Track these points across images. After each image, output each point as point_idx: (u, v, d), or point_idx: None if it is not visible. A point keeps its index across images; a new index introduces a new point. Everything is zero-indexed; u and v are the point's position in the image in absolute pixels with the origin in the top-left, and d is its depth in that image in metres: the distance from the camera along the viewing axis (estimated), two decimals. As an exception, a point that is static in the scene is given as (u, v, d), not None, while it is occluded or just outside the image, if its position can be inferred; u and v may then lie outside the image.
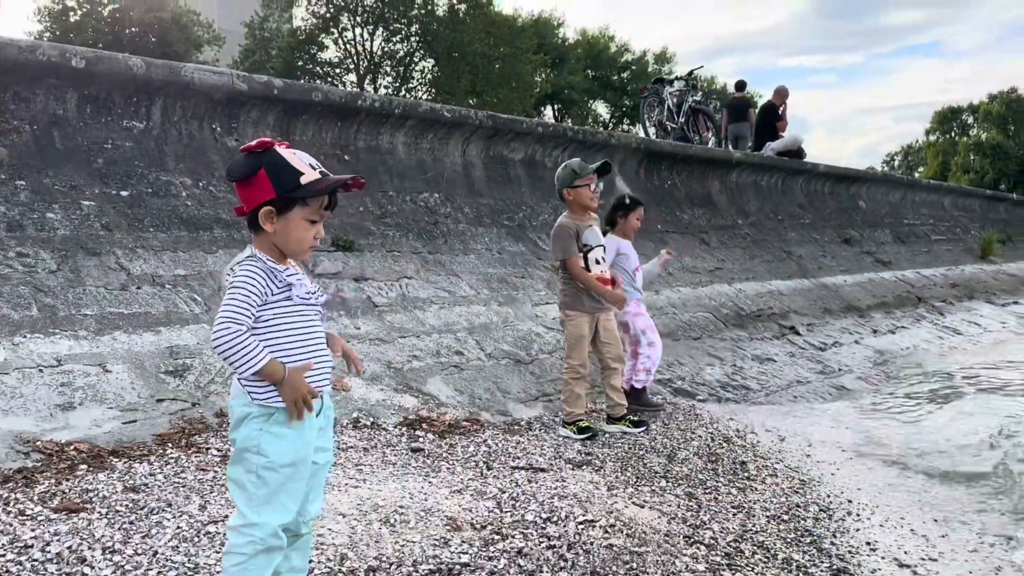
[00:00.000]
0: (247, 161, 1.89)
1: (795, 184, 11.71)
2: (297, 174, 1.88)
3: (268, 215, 1.88)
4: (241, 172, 1.89)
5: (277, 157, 1.89)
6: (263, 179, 1.86)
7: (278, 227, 1.89)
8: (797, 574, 2.76)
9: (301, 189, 1.87)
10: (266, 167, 1.87)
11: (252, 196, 1.89)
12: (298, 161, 1.90)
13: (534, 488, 3.27)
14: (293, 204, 1.89)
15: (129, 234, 4.61)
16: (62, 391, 3.55)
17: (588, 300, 4.39)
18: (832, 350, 7.73)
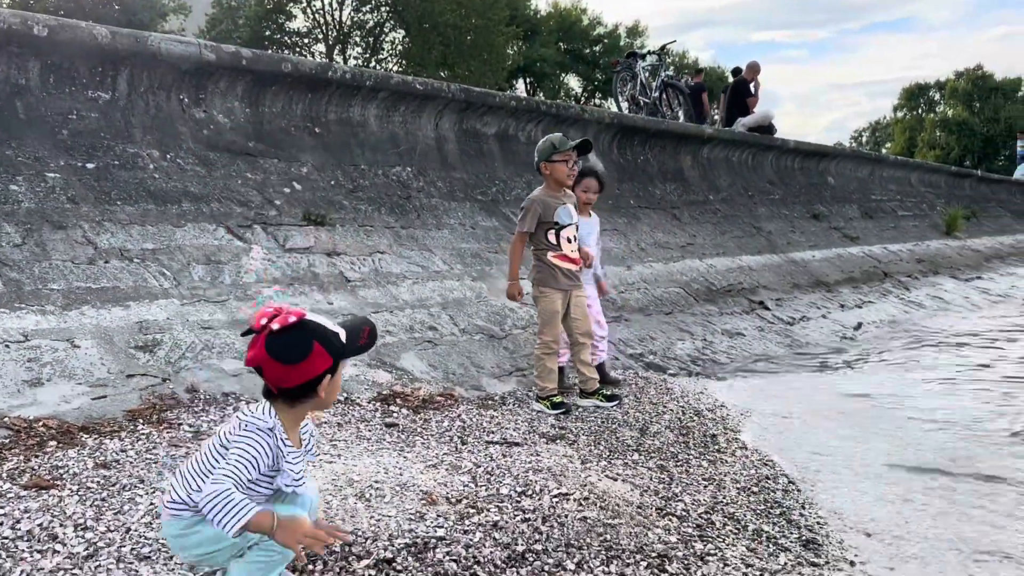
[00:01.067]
0: (299, 342, 1.86)
1: (765, 160, 11.79)
2: (336, 336, 1.91)
3: (328, 383, 1.92)
4: (299, 354, 1.85)
5: (319, 326, 1.90)
6: (320, 352, 1.87)
7: (329, 387, 1.93)
8: (767, 544, 2.81)
9: (349, 350, 1.93)
10: (319, 340, 1.88)
11: (307, 371, 1.87)
12: (329, 323, 1.93)
13: (508, 462, 3.29)
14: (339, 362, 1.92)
15: (96, 207, 4.53)
16: (29, 367, 3.50)
17: (561, 276, 4.39)
18: (800, 324, 7.84)
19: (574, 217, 4.48)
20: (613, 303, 6.58)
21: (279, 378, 1.87)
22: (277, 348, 1.84)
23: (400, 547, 2.38)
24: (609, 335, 5.20)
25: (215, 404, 3.70)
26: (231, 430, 1.88)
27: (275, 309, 1.87)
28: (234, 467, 1.81)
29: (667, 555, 2.62)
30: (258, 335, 1.86)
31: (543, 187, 4.47)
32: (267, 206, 5.33)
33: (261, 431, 1.86)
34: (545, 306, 4.39)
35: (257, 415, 1.88)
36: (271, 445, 1.87)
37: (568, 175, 4.43)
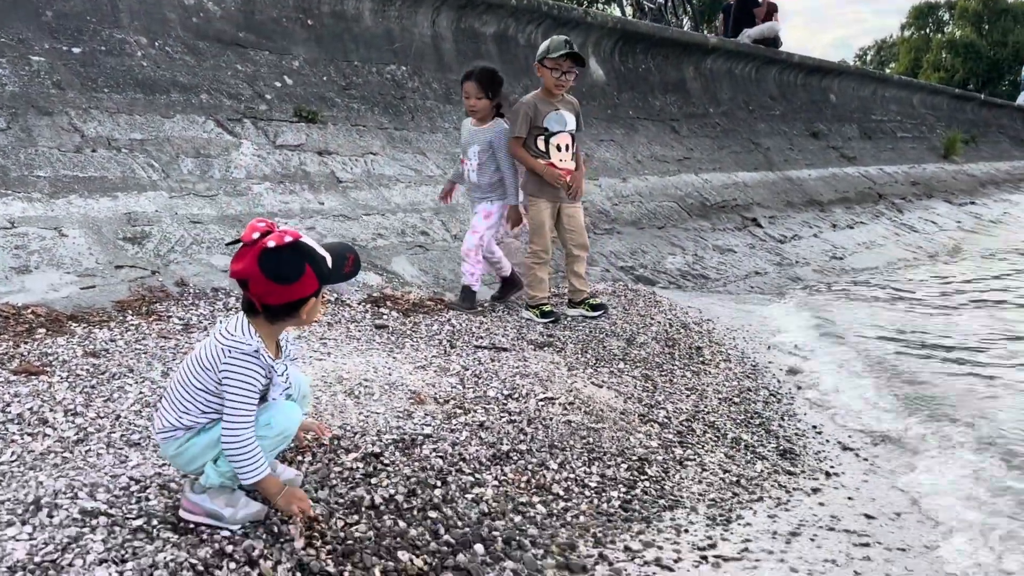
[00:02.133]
0: (291, 259, 1.82)
1: (768, 74, 11.57)
2: (324, 259, 1.86)
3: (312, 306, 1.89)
4: (291, 273, 1.82)
5: (312, 250, 1.85)
6: (310, 275, 1.84)
7: (309, 310, 1.89)
8: (745, 453, 2.88)
9: (334, 276, 1.89)
10: (311, 263, 1.84)
11: (294, 291, 1.84)
12: (319, 247, 1.87)
13: (496, 366, 3.33)
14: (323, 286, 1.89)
15: (82, 94, 4.41)
16: (17, 254, 3.47)
17: (549, 187, 4.29)
18: (791, 243, 7.85)
19: (568, 125, 4.28)
20: (607, 215, 6.55)
21: (265, 294, 1.84)
22: (270, 265, 1.81)
23: (388, 442, 2.43)
24: (600, 248, 5.19)
25: (205, 298, 3.70)
26: (215, 355, 1.86)
27: (268, 224, 1.83)
28: (238, 405, 1.83)
29: (647, 459, 2.68)
30: (248, 248, 1.82)
31: (538, 90, 4.33)
32: (257, 100, 5.21)
33: (248, 355, 1.85)
34: (533, 215, 4.34)
35: (238, 337, 1.86)
36: (261, 366, 1.87)
37: (556, 84, 4.22)
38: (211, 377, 1.86)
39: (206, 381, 1.86)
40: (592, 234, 6.15)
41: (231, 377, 1.84)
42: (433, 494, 2.21)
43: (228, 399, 1.84)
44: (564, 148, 4.29)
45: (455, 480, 2.31)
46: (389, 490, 2.17)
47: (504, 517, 2.21)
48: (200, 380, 1.87)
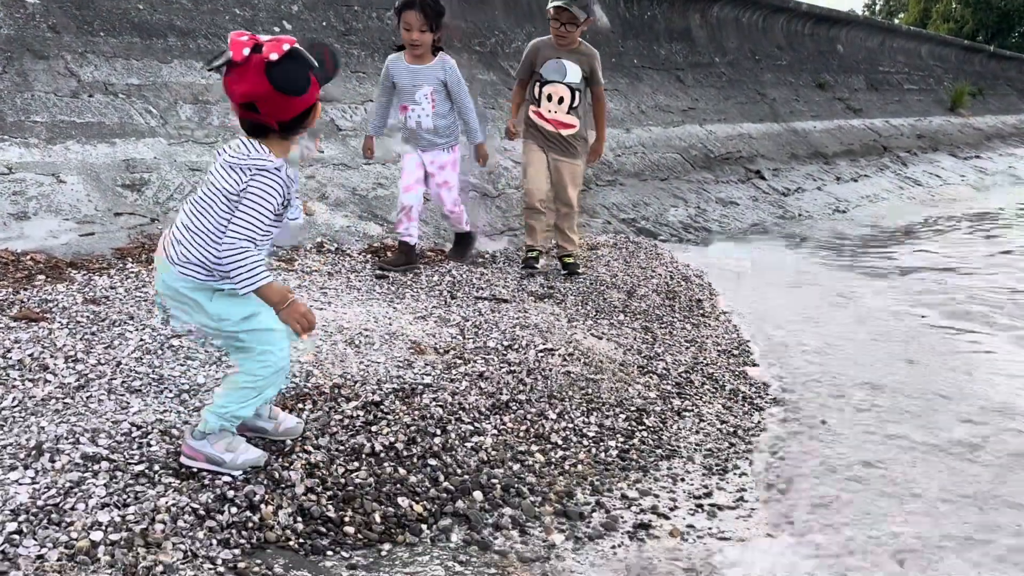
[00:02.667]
0: (297, 71, 1.75)
1: (776, 23, 11.37)
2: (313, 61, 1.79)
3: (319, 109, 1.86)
4: (305, 81, 1.77)
5: (307, 58, 1.77)
6: (313, 83, 1.79)
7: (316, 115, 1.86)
8: (742, 404, 2.90)
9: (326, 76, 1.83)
10: (313, 71, 1.78)
11: (305, 101, 1.80)
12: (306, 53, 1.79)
13: (496, 317, 3.33)
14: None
15: (78, 38, 4.34)
16: (15, 200, 3.45)
17: (536, 131, 4.12)
18: (795, 196, 7.81)
19: (567, 76, 4.03)
20: (609, 166, 6.50)
21: (280, 111, 1.78)
22: (282, 79, 1.74)
23: (388, 391, 2.44)
24: (601, 200, 5.14)
25: (204, 247, 3.68)
26: (235, 179, 1.80)
27: (251, 37, 1.75)
28: (252, 219, 1.78)
29: (645, 409, 2.70)
30: (244, 67, 1.73)
31: (549, 35, 4.11)
32: (256, 46, 5.12)
33: (271, 172, 1.80)
34: (522, 157, 4.24)
35: (257, 156, 1.80)
36: (282, 183, 1.82)
37: (556, 35, 4.00)
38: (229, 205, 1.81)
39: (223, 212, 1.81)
40: (594, 185, 6.11)
41: (253, 192, 1.79)
42: (433, 442, 2.23)
43: (243, 210, 1.78)
44: (557, 99, 4.05)
45: (454, 429, 2.33)
46: (389, 438, 2.19)
47: (503, 465, 2.23)
48: (225, 209, 1.81)
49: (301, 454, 2.05)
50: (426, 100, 3.82)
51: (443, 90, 3.84)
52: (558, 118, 4.07)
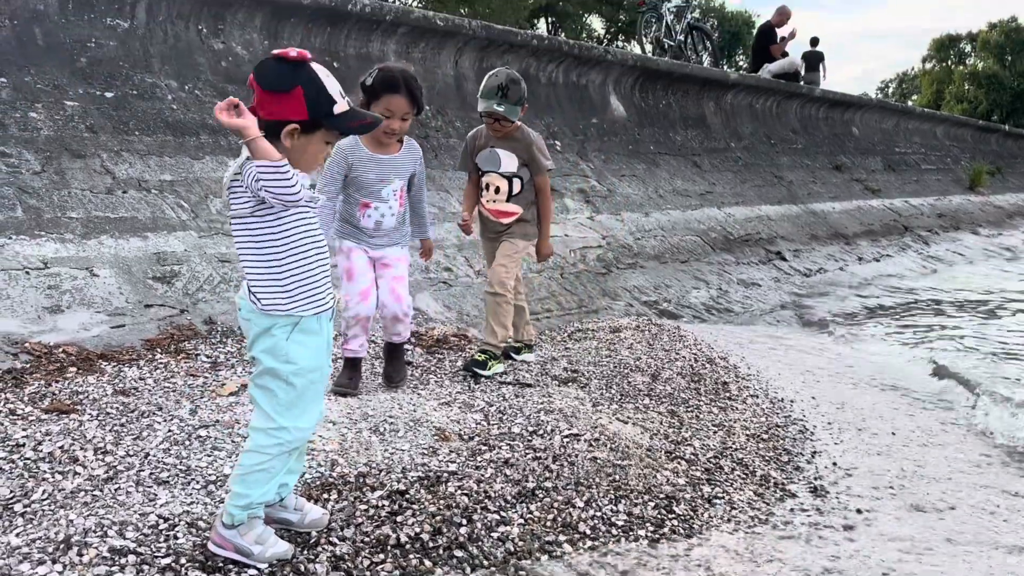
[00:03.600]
0: (284, 72, 1.81)
1: (790, 107, 11.59)
2: (331, 102, 1.84)
3: (292, 132, 1.82)
4: (278, 83, 1.81)
5: (315, 77, 1.82)
6: (298, 97, 1.81)
7: (297, 144, 1.84)
8: (775, 490, 2.84)
9: (333, 119, 1.84)
10: (304, 86, 1.81)
11: (280, 110, 1.81)
12: (332, 86, 1.85)
13: (521, 402, 3.32)
14: (319, 127, 1.85)
15: (114, 137, 4.52)
16: (49, 293, 3.54)
17: (483, 226, 3.98)
18: (817, 276, 7.80)
19: (501, 166, 3.81)
20: (629, 249, 6.56)
21: (259, 104, 1.83)
22: (263, 71, 1.82)
23: (413, 480, 2.42)
24: (623, 282, 5.17)
25: (232, 336, 3.73)
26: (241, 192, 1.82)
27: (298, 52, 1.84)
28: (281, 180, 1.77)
29: (675, 496, 2.65)
30: None
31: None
32: (285, 141, 5.30)
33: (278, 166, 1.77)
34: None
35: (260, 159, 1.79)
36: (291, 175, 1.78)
37: (490, 129, 3.78)
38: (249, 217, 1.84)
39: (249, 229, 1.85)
40: (615, 268, 6.16)
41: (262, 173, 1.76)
42: (459, 532, 2.20)
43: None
44: (494, 189, 3.85)
45: (480, 518, 2.30)
46: (415, 528, 2.17)
47: (531, 556, 2.19)
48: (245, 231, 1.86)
49: (327, 546, 2.03)
50: (394, 197, 3.27)
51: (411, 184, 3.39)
52: (498, 207, 3.89)
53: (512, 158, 3.81)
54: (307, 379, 1.91)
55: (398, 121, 3.09)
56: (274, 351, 1.90)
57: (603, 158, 7.83)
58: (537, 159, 3.82)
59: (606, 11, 39.44)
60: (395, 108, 3.05)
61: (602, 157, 7.83)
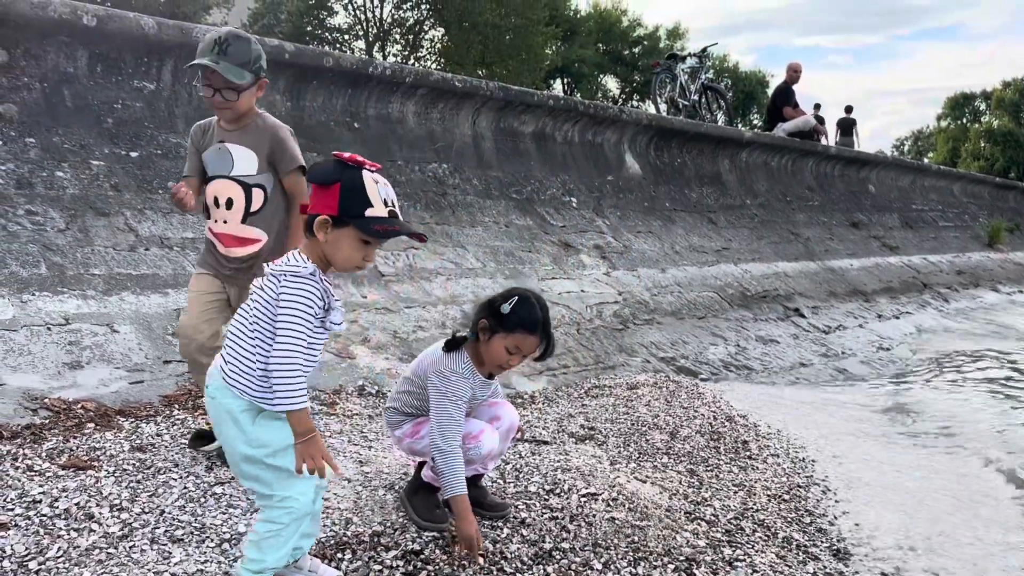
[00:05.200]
0: (331, 169, 1.90)
1: (805, 166, 11.65)
2: (366, 204, 1.88)
3: (323, 225, 1.88)
4: (321, 177, 1.90)
5: (358, 179, 1.89)
6: (334, 193, 1.87)
7: (330, 238, 1.89)
8: (797, 553, 2.78)
9: (360, 220, 1.88)
10: (343, 184, 1.87)
11: (320, 203, 1.89)
12: (374, 192, 1.90)
13: (537, 460, 3.29)
14: (347, 224, 1.88)
15: (138, 195, 4.60)
16: (70, 349, 3.57)
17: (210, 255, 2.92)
18: (836, 333, 7.74)
19: (235, 167, 2.78)
20: (646, 305, 6.55)
21: (310, 197, 1.92)
22: (315, 166, 1.92)
23: (428, 539, 2.39)
24: (640, 339, 5.15)
25: (249, 392, 3.74)
26: (271, 285, 1.86)
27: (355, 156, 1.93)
28: (293, 325, 1.81)
29: (695, 559, 2.60)
30: None
31: None
32: (305, 199, 5.38)
33: (304, 278, 1.84)
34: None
35: (291, 263, 1.87)
36: (318, 287, 1.86)
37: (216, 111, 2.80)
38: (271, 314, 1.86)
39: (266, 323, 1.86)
40: (632, 324, 6.14)
41: (288, 297, 1.82)
42: (475, 594, 2.16)
43: (282, 317, 1.82)
44: (224, 204, 2.80)
45: (497, 579, 2.26)
46: (430, 590, 2.13)
47: (548, 619, 2.15)
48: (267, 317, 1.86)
49: (341, 607, 2.00)
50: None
51: None
52: (229, 231, 2.81)
53: (250, 156, 2.78)
54: (286, 456, 1.88)
55: (519, 358, 2.55)
56: (242, 437, 1.89)
57: (619, 215, 7.88)
58: (288, 153, 2.83)
59: (621, 72, 40.13)
60: (525, 348, 2.53)
61: (618, 214, 7.88)
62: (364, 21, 30.19)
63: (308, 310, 1.83)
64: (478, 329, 2.50)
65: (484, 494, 2.75)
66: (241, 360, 1.90)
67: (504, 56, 28.84)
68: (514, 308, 2.49)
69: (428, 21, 30.43)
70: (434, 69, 23.68)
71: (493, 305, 2.51)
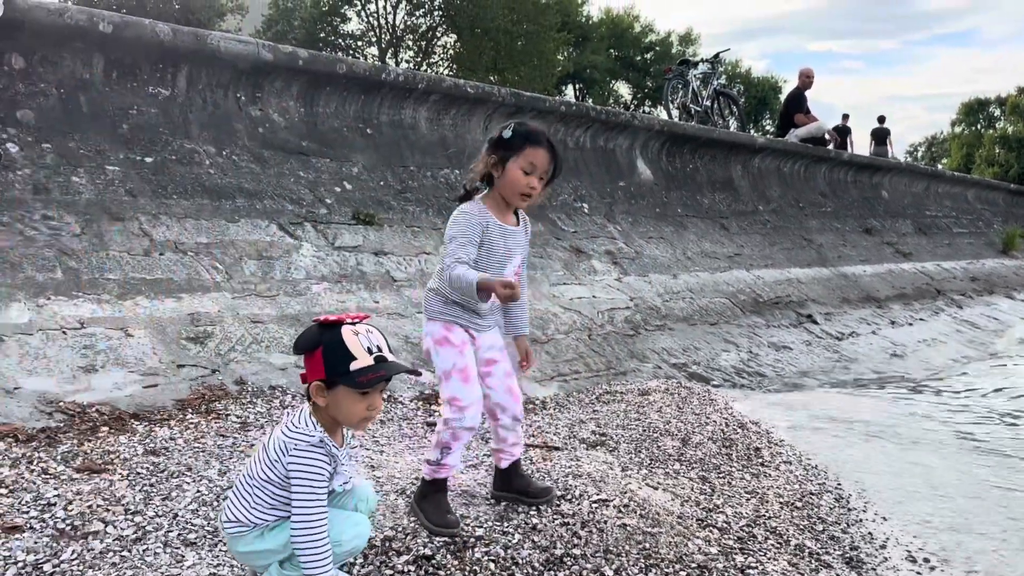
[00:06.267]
0: (312, 336, 1.93)
1: (818, 172, 11.61)
2: (349, 359, 1.89)
3: (318, 389, 1.92)
4: (305, 346, 1.93)
5: (337, 337, 1.91)
6: (318, 358, 1.90)
7: (329, 401, 1.92)
8: (810, 561, 2.77)
9: (347, 377, 1.89)
10: (324, 346, 1.90)
11: (311, 370, 1.93)
12: (355, 344, 1.90)
13: (548, 466, 3.29)
14: (339, 382, 1.90)
15: (153, 200, 4.64)
16: (85, 353, 3.60)
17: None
18: (849, 340, 7.70)
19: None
20: (657, 311, 6.54)
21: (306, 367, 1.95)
22: (300, 337, 1.94)
23: (440, 544, 2.40)
24: (651, 344, 5.14)
25: (262, 396, 3.76)
26: (280, 447, 1.90)
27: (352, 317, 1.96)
28: (311, 499, 1.85)
29: (707, 566, 2.59)
30: None
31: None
32: (318, 204, 5.41)
33: (313, 447, 1.89)
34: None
35: (301, 429, 1.90)
36: (326, 455, 1.90)
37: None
38: (278, 470, 1.88)
39: (272, 473, 1.89)
40: (644, 330, 6.13)
41: (298, 470, 1.86)
42: (486, 600, 2.16)
43: (297, 494, 1.86)
44: None
45: (508, 585, 2.26)
46: (441, 595, 2.13)
47: (559, 625, 2.14)
48: (267, 472, 1.89)
49: (352, 611, 2.00)
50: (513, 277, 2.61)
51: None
52: None
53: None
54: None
55: (537, 179, 2.56)
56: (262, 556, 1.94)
57: (630, 220, 7.88)
58: None
59: (632, 77, 40.15)
60: (538, 163, 2.53)
61: (629, 219, 7.88)
62: (377, 27, 30.33)
63: (320, 482, 1.88)
64: (489, 169, 2.54)
65: (528, 481, 2.80)
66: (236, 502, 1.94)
67: (516, 62, 28.92)
68: (514, 129, 2.54)
69: (440, 27, 30.54)
70: (446, 75, 23.75)
71: (492, 140, 2.55)
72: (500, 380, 2.71)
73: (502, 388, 2.70)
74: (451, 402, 2.54)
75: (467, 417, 2.54)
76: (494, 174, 2.56)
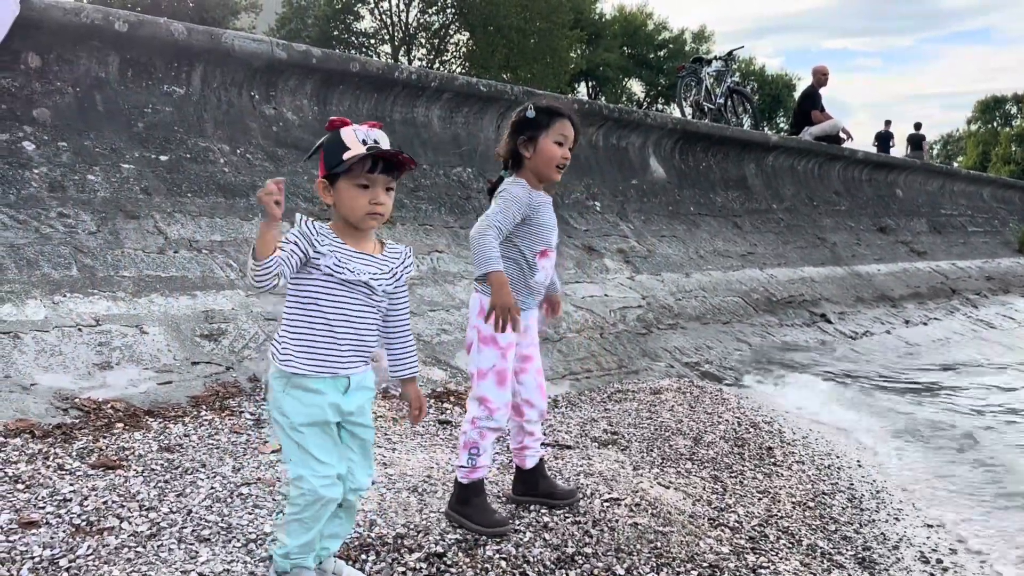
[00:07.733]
0: (320, 141, 2.01)
1: (832, 170, 11.55)
2: (343, 151, 1.94)
3: (323, 188, 2.00)
4: (312, 150, 2.04)
5: (336, 136, 1.97)
6: (321, 158, 2.00)
7: (335, 199, 1.99)
8: (822, 561, 2.76)
9: (341, 164, 1.94)
10: (325, 146, 1.98)
11: (319, 172, 2.02)
12: (351, 137, 1.96)
13: (560, 465, 3.29)
14: (339, 176, 1.96)
15: (167, 198, 4.67)
16: (100, 350, 3.63)
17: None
18: (863, 339, 7.66)
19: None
20: (670, 310, 6.52)
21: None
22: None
23: (451, 542, 2.40)
24: (663, 343, 5.12)
25: (274, 394, 3.78)
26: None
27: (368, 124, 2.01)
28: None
29: (718, 566, 2.59)
30: None
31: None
32: (330, 202, 5.42)
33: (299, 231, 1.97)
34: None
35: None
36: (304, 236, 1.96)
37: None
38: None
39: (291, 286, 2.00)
40: (656, 329, 6.12)
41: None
42: (497, 598, 2.17)
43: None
44: None
45: (520, 583, 2.27)
46: (453, 592, 2.14)
47: (570, 624, 2.15)
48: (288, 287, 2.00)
49: (364, 608, 2.01)
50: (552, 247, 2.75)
51: None
52: None
53: None
54: (303, 433, 1.92)
55: (567, 149, 2.64)
56: (274, 402, 1.97)
57: (643, 219, 7.86)
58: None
59: (646, 75, 40.04)
60: (567, 133, 2.63)
61: (642, 218, 7.86)
62: (390, 25, 30.38)
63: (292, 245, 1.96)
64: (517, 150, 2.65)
65: (552, 484, 2.84)
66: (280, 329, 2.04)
67: (529, 60, 28.90)
68: (536, 108, 2.66)
69: (453, 25, 30.56)
70: (459, 73, 23.75)
71: (516, 123, 2.67)
72: (532, 377, 2.77)
73: (533, 385, 2.76)
74: (482, 401, 2.61)
75: (495, 419, 2.60)
76: (524, 154, 2.64)
